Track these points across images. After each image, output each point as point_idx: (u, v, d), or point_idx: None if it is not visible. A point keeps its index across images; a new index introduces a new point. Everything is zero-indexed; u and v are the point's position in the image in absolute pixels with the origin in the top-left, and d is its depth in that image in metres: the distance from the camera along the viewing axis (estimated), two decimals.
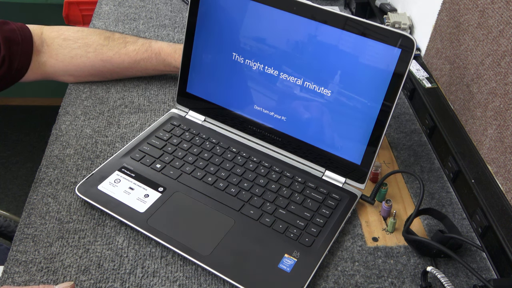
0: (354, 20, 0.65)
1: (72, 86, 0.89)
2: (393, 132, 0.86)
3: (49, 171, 0.73)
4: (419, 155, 0.81)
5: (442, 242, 0.63)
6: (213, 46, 0.76)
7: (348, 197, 0.70)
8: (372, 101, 0.66)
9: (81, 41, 0.85)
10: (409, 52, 0.62)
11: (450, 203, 0.73)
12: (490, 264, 0.65)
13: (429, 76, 0.88)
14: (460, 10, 0.77)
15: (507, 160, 0.65)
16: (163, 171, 0.72)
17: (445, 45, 0.83)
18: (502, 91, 0.66)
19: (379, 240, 0.67)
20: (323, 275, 0.62)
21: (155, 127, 0.79)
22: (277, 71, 0.72)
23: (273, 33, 0.71)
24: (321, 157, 0.73)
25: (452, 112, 0.80)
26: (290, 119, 0.74)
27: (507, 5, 0.65)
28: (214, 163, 0.73)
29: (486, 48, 0.70)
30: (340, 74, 0.67)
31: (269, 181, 0.71)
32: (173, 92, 0.89)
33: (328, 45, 0.67)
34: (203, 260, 0.60)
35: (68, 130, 0.80)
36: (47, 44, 0.83)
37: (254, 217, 0.66)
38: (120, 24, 1.07)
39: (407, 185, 0.76)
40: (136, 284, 0.59)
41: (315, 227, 0.65)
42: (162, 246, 0.63)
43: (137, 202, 0.67)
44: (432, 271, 0.59)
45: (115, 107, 0.85)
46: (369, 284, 0.61)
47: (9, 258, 0.61)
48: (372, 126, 0.67)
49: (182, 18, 1.11)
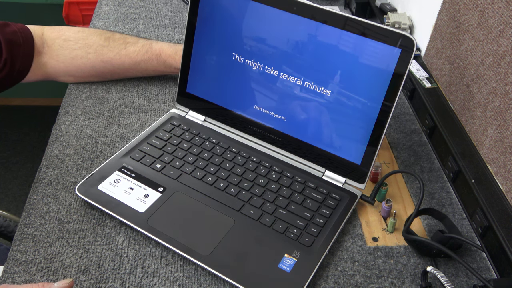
0: (354, 20, 0.65)
1: (72, 86, 0.89)
2: (393, 132, 0.86)
3: (49, 171, 0.73)
4: (419, 155, 0.81)
5: (442, 242, 0.63)
6: (213, 46, 0.76)
7: (348, 197, 0.70)
8: (372, 101, 0.66)
9: (82, 42, 0.85)
10: (409, 52, 0.62)
11: (450, 203, 0.73)
12: (490, 264, 0.65)
13: (429, 76, 0.88)
14: (460, 10, 0.77)
15: (507, 160, 0.65)
16: (163, 171, 0.72)
17: (445, 45, 0.83)
18: (502, 91, 0.66)
19: (379, 240, 0.67)
20: (323, 275, 0.62)
21: (155, 127, 0.79)
22: (277, 71, 0.72)
23: (273, 33, 0.71)
24: (321, 157, 0.73)
25: (452, 112, 0.80)
26: (290, 119, 0.74)
27: (507, 5, 0.65)
28: (214, 163, 0.73)
29: (486, 48, 0.70)
30: (340, 74, 0.67)
31: (269, 181, 0.71)
32: (173, 92, 0.89)
33: (328, 45, 0.67)
34: (203, 260, 0.60)
35: (68, 130, 0.80)
36: (48, 45, 0.83)
37: (254, 217, 0.66)
38: (120, 24, 1.07)
39: (407, 185, 0.76)
40: (136, 284, 0.59)
41: (315, 227, 0.65)
42: (162, 246, 0.63)
43: (137, 202, 0.67)
44: (432, 271, 0.59)
45: (115, 107, 0.85)
46: (369, 284, 0.61)
47: (9, 258, 0.61)
48: (372, 126, 0.67)
49: (182, 18, 1.11)
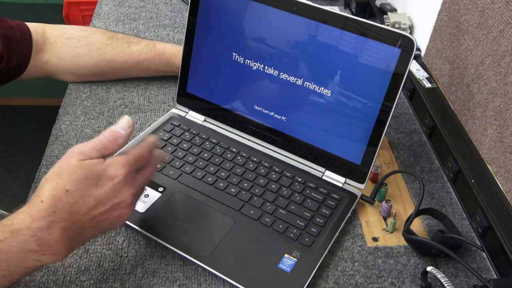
0: (354, 20, 0.65)
1: (72, 86, 0.89)
2: (393, 132, 0.86)
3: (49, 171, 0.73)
4: (419, 155, 0.81)
5: (442, 242, 0.63)
6: (213, 46, 0.76)
7: (348, 197, 0.70)
8: (372, 101, 0.66)
9: (85, 40, 0.85)
10: (409, 52, 0.62)
11: (450, 203, 0.73)
12: (490, 264, 0.65)
13: (429, 76, 0.88)
14: (460, 10, 0.77)
15: (507, 160, 0.65)
16: (163, 171, 0.72)
17: (445, 45, 0.83)
18: (502, 91, 0.66)
19: (379, 240, 0.67)
20: (323, 275, 0.62)
21: (155, 127, 0.79)
22: (277, 71, 0.72)
23: (273, 33, 0.71)
24: (321, 157, 0.73)
25: (452, 112, 0.80)
26: (290, 119, 0.74)
27: (507, 5, 0.65)
28: (214, 163, 0.73)
29: (486, 48, 0.70)
30: (340, 74, 0.67)
31: (269, 181, 0.71)
32: (173, 92, 0.89)
33: (328, 45, 0.67)
34: (203, 260, 0.60)
35: (68, 130, 0.80)
36: (50, 43, 0.83)
37: (254, 217, 0.66)
38: (120, 24, 1.07)
39: (407, 185, 0.76)
40: (136, 284, 0.59)
41: (315, 227, 0.65)
42: (162, 246, 0.63)
43: (137, 202, 0.67)
44: (432, 271, 0.59)
45: (115, 107, 0.85)
46: (369, 284, 0.61)
47: None
48: (372, 126, 0.67)
49: (182, 18, 1.11)
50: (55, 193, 0.49)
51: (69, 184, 0.49)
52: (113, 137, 0.54)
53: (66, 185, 0.49)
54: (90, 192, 0.50)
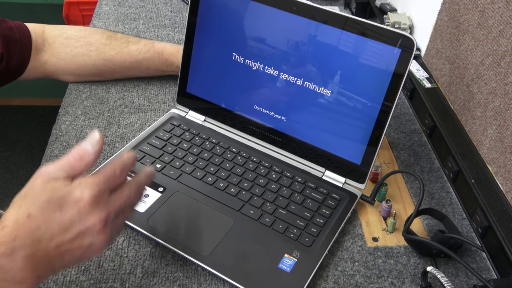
0: (354, 20, 0.65)
1: (72, 86, 0.89)
2: (393, 132, 0.86)
3: None
4: (419, 155, 0.82)
5: (442, 242, 0.63)
6: (213, 46, 0.76)
7: (348, 197, 0.70)
8: (372, 101, 0.66)
9: (84, 40, 0.85)
10: (409, 52, 0.62)
11: (450, 203, 0.73)
12: (490, 264, 0.65)
13: (429, 76, 0.88)
14: (460, 10, 0.77)
15: (507, 160, 0.65)
16: (163, 171, 0.72)
17: (445, 45, 0.83)
18: (502, 91, 0.66)
19: (379, 240, 0.67)
20: (323, 275, 0.62)
21: (155, 127, 0.79)
22: (277, 71, 0.72)
23: (273, 33, 0.71)
24: (321, 157, 0.73)
25: (452, 112, 0.80)
26: (290, 119, 0.74)
27: (507, 5, 0.65)
28: (214, 163, 0.73)
29: (486, 48, 0.70)
30: (340, 74, 0.67)
31: (269, 181, 0.71)
32: (173, 92, 0.89)
33: (328, 45, 0.67)
34: (203, 260, 0.60)
35: (68, 130, 0.80)
36: (49, 43, 0.83)
37: (254, 217, 0.66)
38: (120, 24, 1.07)
39: (407, 185, 0.76)
40: (136, 284, 0.59)
41: (315, 227, 0.65)
42: (162, 246, 0.63)
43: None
44: (432, 271, 0.59)
45: (115, 107, 0.85)
46: (369, 284, 0.61)
47: None
48: (372, 126, 0.67)
49: (182, 18, 1.11)
50: (17, 218, 0.45)
51: (32, 208, 0.45)
52: (80, 156, 0.48)
53: (29, 209, 0.45)
54: (53, 217, 0.45)
